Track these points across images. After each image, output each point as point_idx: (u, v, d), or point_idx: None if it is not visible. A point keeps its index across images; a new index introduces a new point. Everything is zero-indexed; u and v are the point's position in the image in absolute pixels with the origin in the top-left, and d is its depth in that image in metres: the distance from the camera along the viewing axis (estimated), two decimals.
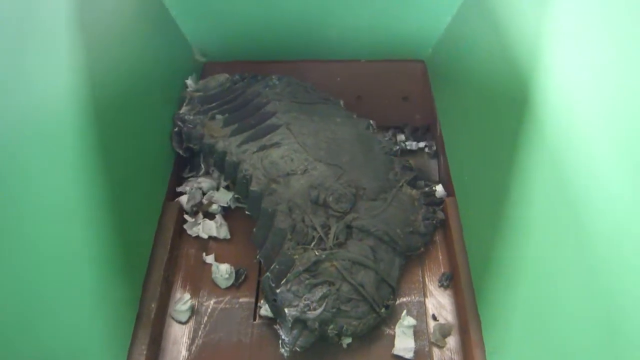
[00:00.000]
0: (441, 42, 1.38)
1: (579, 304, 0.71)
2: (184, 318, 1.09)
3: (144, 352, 0.99)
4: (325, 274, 1.01)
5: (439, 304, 1.10)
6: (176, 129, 1.27)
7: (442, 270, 1.15)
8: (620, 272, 0.63)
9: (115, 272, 0.97)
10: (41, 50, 0.85)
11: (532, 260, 0.84)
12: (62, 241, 0.84)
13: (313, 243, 1.04)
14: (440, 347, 1.04)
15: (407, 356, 1.01)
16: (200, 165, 1.31)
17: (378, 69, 1.47)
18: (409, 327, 1.03)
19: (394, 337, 1.04)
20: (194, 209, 1.24)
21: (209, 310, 1.11)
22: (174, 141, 1.28)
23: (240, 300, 1.12)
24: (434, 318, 1.08)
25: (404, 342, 1.03)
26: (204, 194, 1.27)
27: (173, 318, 1.10)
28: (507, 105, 0.97)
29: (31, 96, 0.81)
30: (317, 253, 1.02)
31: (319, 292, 0.98)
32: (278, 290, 0.99)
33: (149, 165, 1.19)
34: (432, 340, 1.04)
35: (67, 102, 0.89)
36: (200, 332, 1.07)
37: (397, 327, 1.05)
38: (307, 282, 0.99)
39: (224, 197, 1.25)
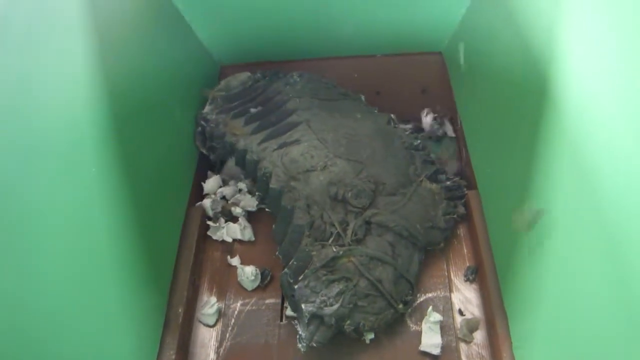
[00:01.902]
0: (457, 33, 1.37)
1: (605, 296, 0.69)
2: (211, 321, 1.10)
3: (173, 357, 1.00)
4: (343, 269, 1.01)
5: (465, 298, 1.10)
6: (199, 129, 1.29)
7: (467, 264, 1.14)
8: None
9: (142, 279, 0.98)
10: (58, 57, 0.86)
11: (556, 252, 0.83)
12: (87, 250, 0.85)
13: (331, 239, 1.04)
14: (468, 342, 1.03)
15: (434, 352, 1.01)
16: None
17: (395, 63, 1.46)
18: (435, 322, 1.03)
19: (420, 333, 1.04)
20: (218, 214, 1.25)
21: (236, 312, 1.11)
22: (197, 140, 1.30)
23: (267, 301, 1.12)
24: (461, 313, 1.07)
25: (430, 338, 1.02)
26: (227, 201, 1.28)
27: (200, 322, 1.11)
28: (526, 95, 0.96)
29: (52, 103, 0.82)
30: (334, 249, 1.02)
31: (336, 288, 0.99)
32: (296, 287, 1.00)
33: (171, 170, 1.20)
34: (459, 335, 1.04)
35: (87, 109, 0.90)
36: (227, 335, 1.08)
37: (423, 323, 1.04)
38: (324, 278, 1.00)
39: (250, 202, 1.26)
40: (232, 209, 1.26)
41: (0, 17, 0.75)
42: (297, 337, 0.99)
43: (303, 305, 0.97)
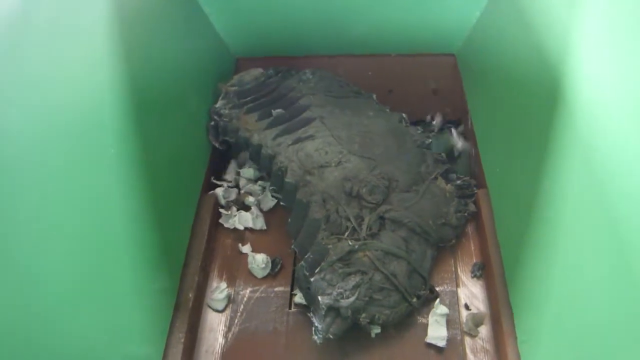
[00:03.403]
0: (471, 35, 1.39)
1: (610, 295, 0.71)
2: (220, 306, 1.12)
3: (182, 340, 1.01)
4: (358, 263, 1.03)
5: (471, 293, 1.12)
6: (212, 123, 1.31)
7: (474, 261, 1.16)
8: None
9: (154, 262, 1.00)
10: (86, 44, 0.89)
11: (563, 251, 0.85)
12: (103, 230, 0.87)
13: (347, 233, 1.06)
14: (473, 336, 1.05)
15: (439, 344, 1.03)
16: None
17: (409, 63, 1.48)
18: (442, 315, 1.05)
19: (426, 325, 1.06)
20: (230, 203, 1.27)
21: (245, 299, 1.13)
22: (210, 134, 1.31)
23: (276, 289, 1.14)
24: (467, 307, 1.09)
25: (436, 330, 1.04)
26: (239, 190, 1.31)
27: (210, 307, 1.13)
28: (538, 98, 0.98)
29: (73, 90, 0.84)
30: (350, 243, 1.04)
31: (352, 281, 1.00)
32: (312, 279, 1.01)
33: (185, 159, 1.22)
34: (465, 329, 1.06)
35: (108, 96, 0.92)
36: (236, 320, 1.10)
37: (430, 315, 1.06)
38: (340, 271, 1.01)
39: (267, 203, 1.29)
40: (246, 199, 1.28)
41: (28, 9, 0.78)
42: (313, 329, 1.00)
43: (320, 298, 0.99)
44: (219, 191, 1.27)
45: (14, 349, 0.69)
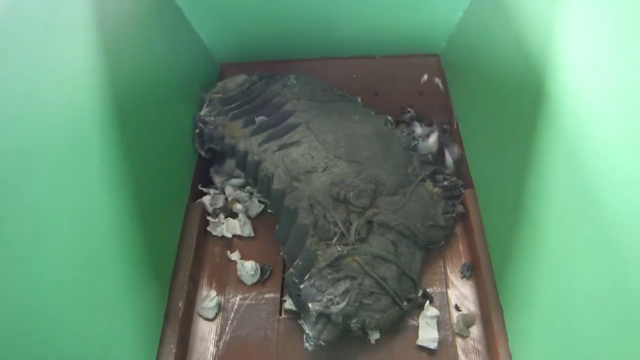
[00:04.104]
0: (455, 35, 1.39)
1: (599, 292, 0.72)
2: (211, 315, 1.12)
3: (173, 351, 1.01)
4: (348, 268, 1.02)
5: (461, 294, 1.12)
6: (197, 131, 1.30)
7: (463, 261, 1.17)
8: (639, 259, 0.64)
9: (143, 273, 0.99)
10: (62, 54, 0.87)
11: (551, 249, 0.85)
12: (90, 243, 0.86)
13: (335, 239, 1.06)
14: (464, 337, 1.05)
15: (431, 346, 1.03)
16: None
17: (394, 65, 1.48)
18: (432, 317, 1.05)
19: (417, 328, 1.06)
20: (217, 211, 1.27)
21: (235, 306, 1.13)
22: (195, 142, 1.30)
23: (266, 295, 1.14)
24: (457, 308, 1.10)
25: (427, 332, 1.04)
26: (226, 198, 1.30)
27: (200, 315, 1.12)
28: (522, 97, 0.98)
29: (56, 98, 0.83)
30: (339, 248, 1.04)
31: (341, 287, 1.00)
32: (302, 286, 1.01)
33: (171, 167, 1.22)
34: (456, 330, 1.06)
35: (90, 103, 0.91)
36: (227, 328, 1.10)
37: (420, 318, 1.06)
38: (329, 277, 1.01)
39: (255, 209, 1.28)
40: (233, 206, 1.27)
41: (7, 15, 0.77)
42: (304, 335, 1.00)
43: (310, 305, 0.99)
44: (206, 199, 1.27)
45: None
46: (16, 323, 0.70)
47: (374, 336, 1.04)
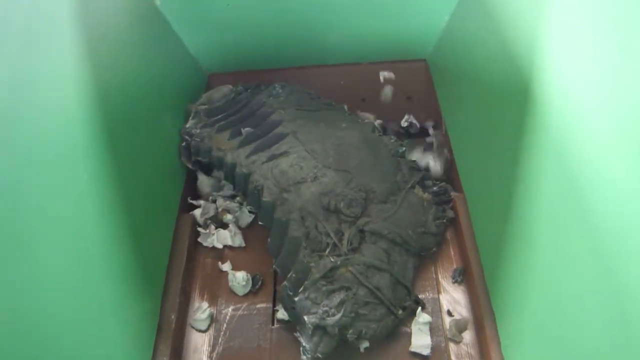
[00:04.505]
0: (442, 40, 1.40)
1: (590, 295, 0.72)
2: (203, 326, 1.11)
3: None
4: (342, 279, 1.03)
5: (453, 299, 1.12)
6: (184, 144, 1.29)
7: (455, 266, 1.17)
8: (629, 261, 0.64)
9: (134, 286, 0.99)
10: (49, 65, 0.87)
11: (542, 253, 0.86)
12: (79, 257, 0.85)
13: (328, 250, 1.06)
14: (457, 342, 1.06)
15: (424, 353, 1.03)
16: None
17: (380, 70, 1.48)
18: (424, 323, 1.05)
19: (410, 334, 1.06)
20: (208, 222, 1.26)
21: (228, 317, 1.13)
22: (182, 156, 1.30)
23: (258, 306, 1.14)
24: (449, 314, 1.10)
25: (420, 339, 1.04)
26: (217, 208, 1.30)
27: (193, 327, 1.12)
28: (509, 100, 0.99)
29: (43, 112, 0.83)
30: (332, 259, 1.04)
31: (336, 298, 1.00)
32: (296, 299, 1.01)
33: (161, 179, 1.21)
34: (449, 335, 1.06)
35: (78, 117, 0.90)
36: (220, 340, 1.09)
37: (412, 324, 1.06)
38: (324, 288, 1.01)
39: (245, 219, 1.29)
40: (223, 216, 1.27)
41: None
42: (301, 349, 1.00)
43: (305, 317, 0.99)
44: (197, 212, 1.26)
45: None
46: (7, 339, 0.70)
47: (364, 345, 1.04)
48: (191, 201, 1.30)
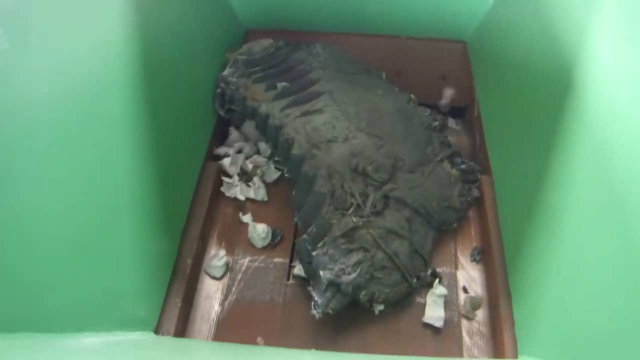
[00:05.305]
0: (483, 24, 1.38)
1: (617, 289, 0.72)
2: (218, 274, 1.12)
3: (178, 305, 1.01)
4: (361, 240, 1.03)
5: (470, 277, 1.12)
6: (219, 90, 1.29)
7: (474, 245, 1.17)
8: None
9: (154, 224, 0.99)
10: (94, 5, 0.90)
11: (567, 241, 0.85)
12: (106, 189, 0.87)
13: (351, 209, 1.06)
14: (470, 319, 1.06)
15: (437, 325, 1.03)
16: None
17: (419, 47, 1.47)
18: (440, 296, 1.05)
19: (424, 305, 1.06)
20: (233, 171, 1.26)
21: (244, 268, 1.13)
22: (216, 102, 1.30)
23: (275, 260, 1.14)
24: (465, 290, 1.10)
25: (434, 310, 1.04)
26: (246, 157, 1.30)
27: (207, 273, 1.12)
28: (549, 89, 0.98)
29: (85, 47, 0.85)
30: (354, 219, 1.04)
31: (354, 258, 1.00)
32: (314, 253, 1.01)
33: (191, 124, 1.22)
34: (462, 311, 1.06)
35: (121, 54, 0.93)
36: (233, 289, 1.10)
37: (428, 295, 1.06)
38: (343, 247, 1.01)
39: (271, 175, 1.28)
40: (250, 169, 1.27)
41: None
42: (312, 303, 1.01)
43: (321, 272, 0.99)
44: (225, 161, 1.26)
45: (11, 299, 0.69)
46: (27, 261, 0.71)
47: (378, 307, 1.04)
48: (217, 151, 1.29)
